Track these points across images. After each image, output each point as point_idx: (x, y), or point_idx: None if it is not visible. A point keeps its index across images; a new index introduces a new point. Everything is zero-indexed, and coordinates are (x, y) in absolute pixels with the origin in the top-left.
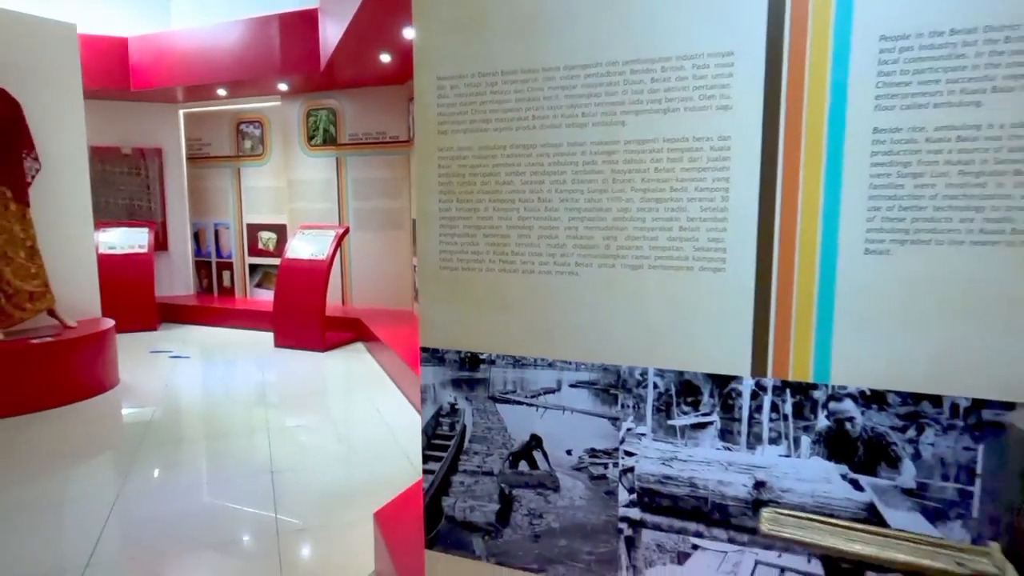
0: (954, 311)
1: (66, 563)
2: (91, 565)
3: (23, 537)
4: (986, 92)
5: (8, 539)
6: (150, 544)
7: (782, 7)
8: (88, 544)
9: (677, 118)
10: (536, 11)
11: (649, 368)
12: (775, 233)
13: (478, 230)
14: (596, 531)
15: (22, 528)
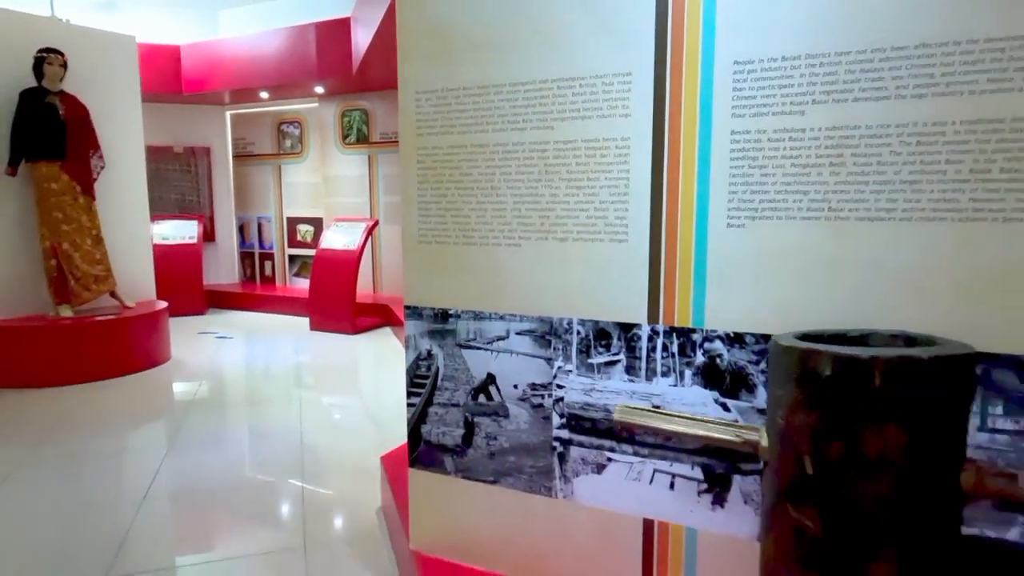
0: (790, 271)
1: (127, 495)
2: (147, 497)
3: (91, 477)
4: (808, 104)
5: (79, 478)
6: (197, 481)
7: (665, 39)
8: (146, 481)
9: (591, 123)
10: (486, 42)
11: (573, 319)
12: (663, 212)
13: (447, 211)
14: (536, 449)
15: (90, 471)
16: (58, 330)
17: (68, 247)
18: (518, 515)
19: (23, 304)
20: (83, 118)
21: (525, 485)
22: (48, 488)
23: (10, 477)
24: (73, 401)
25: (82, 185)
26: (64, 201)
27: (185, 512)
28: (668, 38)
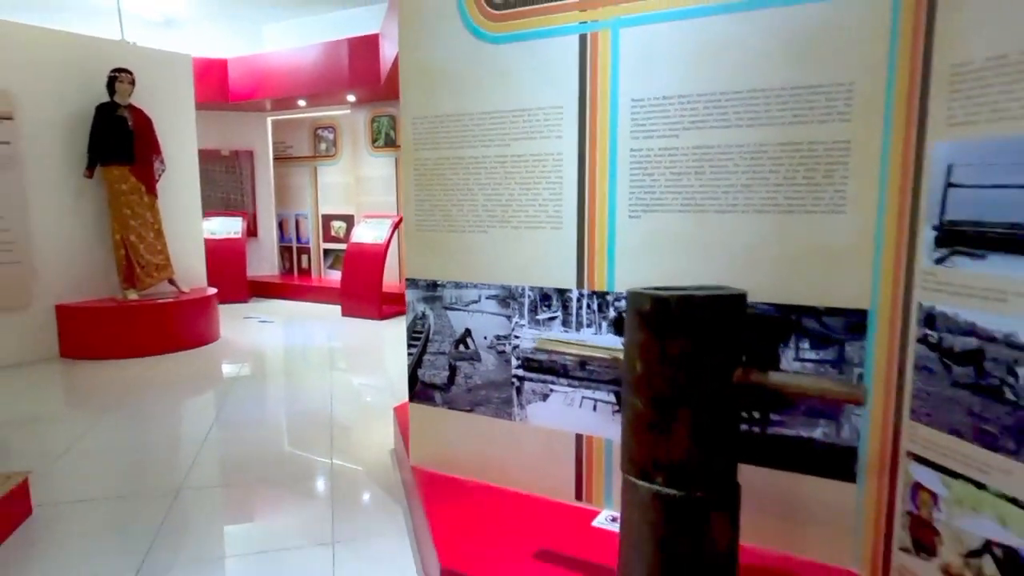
0: (669, 249)
1: (187, 443)
2: (206, 441)
3: (155, 430)
4: (680, 130)
5: (146, 431)
6: (246, 430)
7: (585, 83)
8: (203, 431)
9: (536, 143)
10: (462, 82)
11: (525, 286)
12: (586, 207)
13: (435, 207)
14: (500, 385)
15: (154, 426)
16: (126, 310)
17: (135, 239)
18: (487, 434)
19: (97, 288)
20: (148, 127)
21: (492, 412)
22: (123, 436)
23: (92, 429)
24: (138, 371)
25: (146, 185)
26: (132, 200)
27: (237, 450)
28: (587, 83)
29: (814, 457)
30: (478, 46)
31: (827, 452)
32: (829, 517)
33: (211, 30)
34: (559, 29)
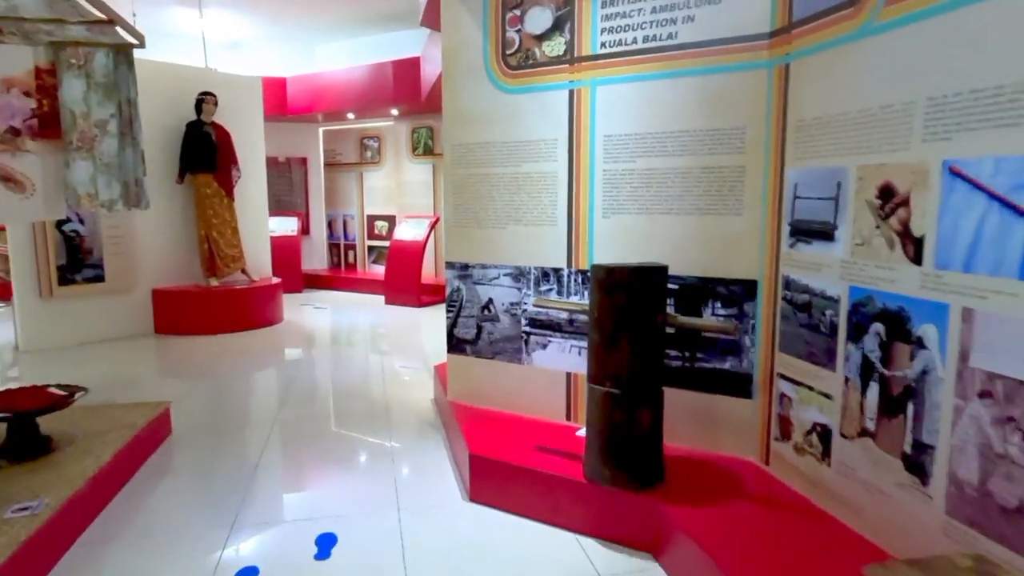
0: (629, 241)
1: (273, 395)
2: (288, 392)
3: (245, 386)
4: (636, 157)
5: (238, 386)
6: (315, 385)
7: (573, 123)
8: (284, 387)
9: (539, 164)
10: (487, 119)
11: (531, 266)
12: (573, 211)
13: (467, 209)
14: (513, 338)
15: (244, 383)
16: (209, 295)
17: (216, 235)
18: (503, 375)
19: (184, 276)
20: (227, 140)
21: (507, 358)
22: (221, 389)
23: (191, 392)
24: (222, 344)
25: (226, 190)
26: (214, 202)
27: (313, 398)
28: (575, 123)
29: (725, 382)
30: (498, 95)
31: (733, 378)
32: (734, 423)
33: (271, 50)
34: (555, 84)
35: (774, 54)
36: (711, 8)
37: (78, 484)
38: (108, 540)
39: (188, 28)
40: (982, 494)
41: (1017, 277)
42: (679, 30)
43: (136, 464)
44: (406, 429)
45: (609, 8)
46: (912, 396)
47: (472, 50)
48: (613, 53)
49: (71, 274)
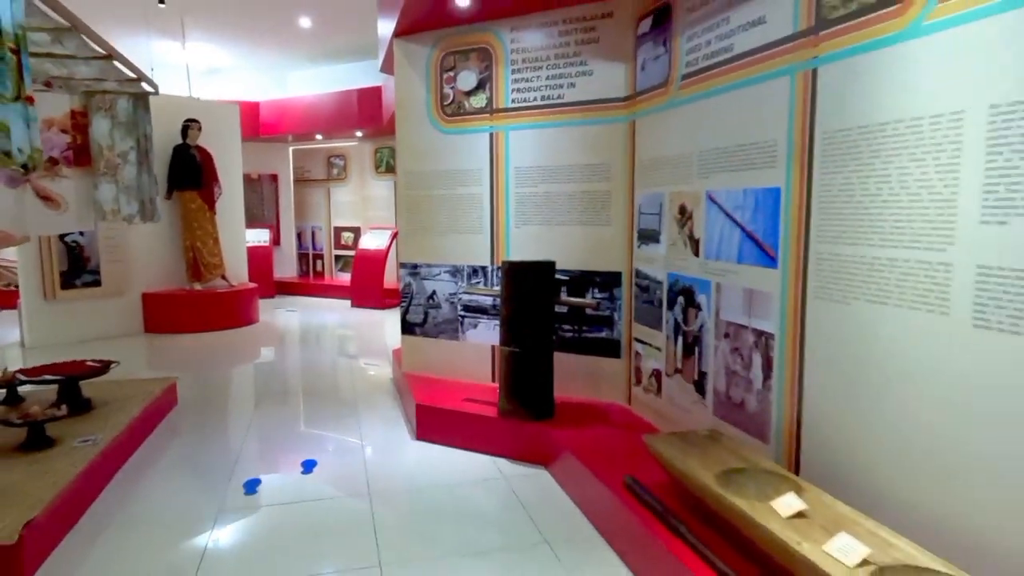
0: (533, 244)
1: (256, 380)
2: (270, 378)
3: (232, 373)
4: (538, 183)
5: (221, 374)
6: (293, 370)
7: (493, 157)
8: (265, 373)
9: (469, 188)
10: (427, 153)
11: (465, 264)
12: (495, 222)
13: (417, 222)
14: (452, 321)
15: (228, 370)
16: (193, 297)
17: (199, 245)
18: (445, 349)
19: (171, 280)
20: (209, 161)
21: (448, 336)
22: (210, 375)
23: (185, 377)
24: (204, 341)
25: (209, 204)
26: (199, 215)
27: (294, 380)
28: (494, 157)
29: (603, 347)
30: (438, 135)
31: (608, 344)
32: (609, 377)
33: (246, 77)
34: (480, 128)
35: (628, 112)
36: (587, 78)
37: (120, 428)
38: (146, 467)
39: (172, 58)
40: (727, 397)
41: (738, 260)
42: (565, 92)
43: (156, 421)
44: (369, 398)
45: (517, 75)
46: (697, 343)
47: (418, 101)
48: (520, 107)
49: (72, 279)
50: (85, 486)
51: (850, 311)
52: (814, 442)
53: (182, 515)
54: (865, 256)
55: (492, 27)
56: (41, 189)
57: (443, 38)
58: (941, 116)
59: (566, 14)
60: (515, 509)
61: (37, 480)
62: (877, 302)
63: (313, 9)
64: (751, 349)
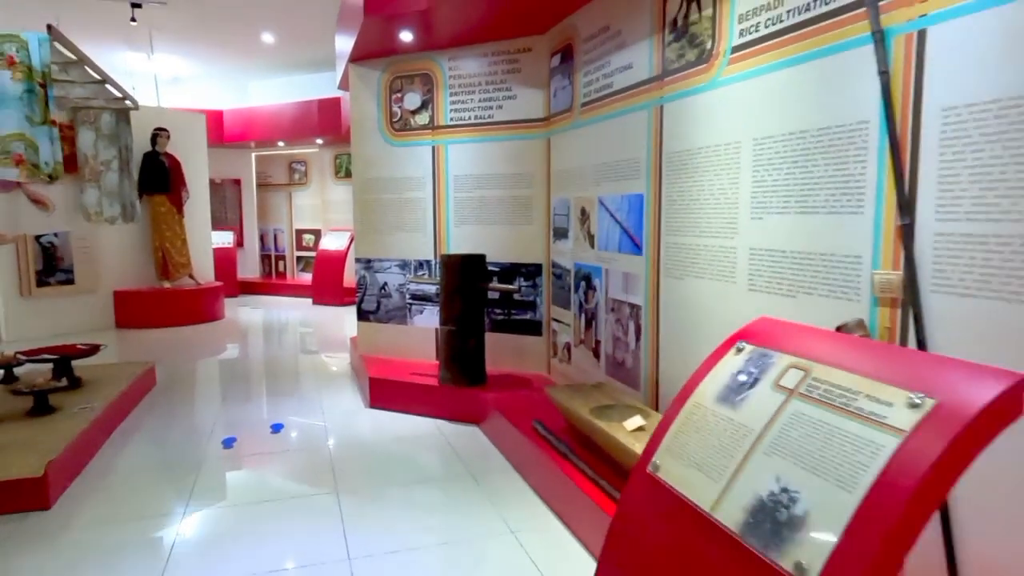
0: (471, 240)
1: (224, 367)
2: (236, 365)
3: (201, 361)
4: (473, 190)
5: (191, 362)
6: (259, 358)
7: (435, 166)
8: (231, 362)
9: (415, 192)
10: (381, 163)
11: (412, 258)
12: (437, 222)
13: (369, 222)
14: (401, 308)
15: (198, 358)
16: (162, 294)
17: (168, 246)
18: (395, 333)
19: (141, 279)
20: (177, 167)
21: (397, 321)
22: (181, 365)
23: (157, 364)
24: (173, 334)
25: (177, 208)
26: (167, 218)
27: (259, 367)
28: (436, 166)
29: (528, 327)
30: (387, 147)
31: (532, 324)
32: (533, 352)
33: (209, 85)
34: (423, 142)
35: (545, 131)
36: (512, 101)
37: (111, 398)
38: (136, 431)
39: (138, 67)
40: (614, 358)
41: (619, 251)
42: (494, 113)
43: (140, 396)
44: (329, 380)
45: (455, 98)
46: (594, 317)
47: (370, 117)
48: (457, 124)
49: (47, 277)
50: (88, 440)
51: (684, 284)
52: (666, 384)
53: (173, 463)
54: (691, 244)
55: (434, 56)
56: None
57: (392, 64)
58: (728, 145)
59: (495, 47)
60: (449, 455)
61: (48, 435)
62: (698, 277)
63: (275, 25)
64: (627, 318)
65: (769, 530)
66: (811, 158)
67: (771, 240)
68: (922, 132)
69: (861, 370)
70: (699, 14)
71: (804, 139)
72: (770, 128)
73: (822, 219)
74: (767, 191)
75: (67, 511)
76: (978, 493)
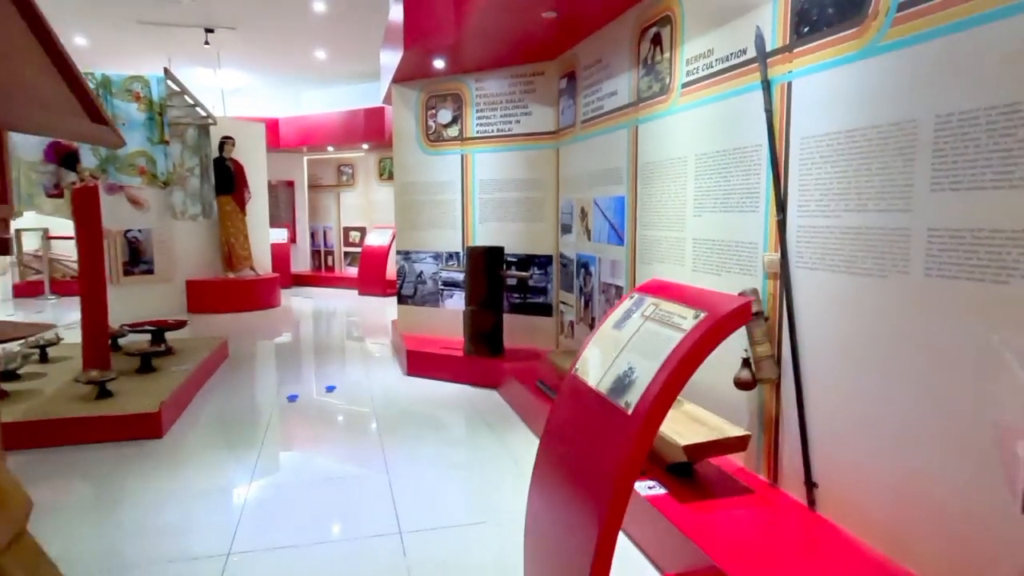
0: (495, 234)
1: (283, 346)
2: (298, 342)
3: (264, 341)
4: (495, 192)
5: (256, 342)
6: (313, 338)
7: (464, 171)
8: (293, 339)
9: (446, 195)
10: (418, 169)
11: (443, 250)
12: (465, 220)
13: (409, 219)
14: (434, 293)
15: (261, 339)
16: (227, 284)
17: (233, 241)
18: (429, 314)
19: (210, 270)
20: (241, 171)
21: (431, 305)
22: (242, 348)
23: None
24: (237, 319)
25: (240, 207)
26: (232, 216)
27: (312, 346)
28: (465, 171)
29: (540, 309)
30: (423, 155)
31: (544, 307)
32: (544, 331)
33: (266, 95)
34: (454, 151)
35: (554, 142)
36: (528, 116)
37: (198, 361)
38: (218, 389)
39: (205, 81)
40: None
41: (608, 242)
42: (513, 126)
43: (218, 363)
44: (372, 355)
45: (480, 114)
46: (590, 298)
47: (409, 130)
48: (483, 136)
49: (131, 267)
50: (185, 391)
51: (651, 268)
52: None
53: (250, 410)
54: (656, 236)
55: (463, 79)
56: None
57: (428, 85)
58: (680, 158)
59: (513, 71)
60: (471, 411)
61: (154, 386)
62: (660, 262)
63: (326, 43)
64: (613, 298)
65: (619, 389)
66: (729, 170)
67: (706, 232)
68: (790, 153)
69: (680, 301)
70: (661, 56)
71: (724, 156)
72: (705, 147)
73: (735, 216)
74: (703, 194)
75: (175, 440)
76: (829, 416)
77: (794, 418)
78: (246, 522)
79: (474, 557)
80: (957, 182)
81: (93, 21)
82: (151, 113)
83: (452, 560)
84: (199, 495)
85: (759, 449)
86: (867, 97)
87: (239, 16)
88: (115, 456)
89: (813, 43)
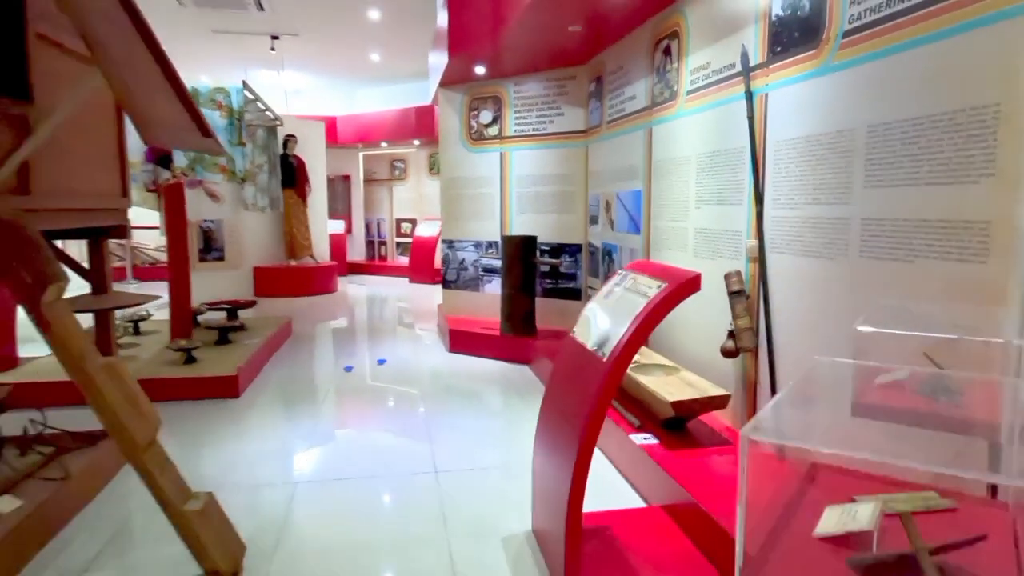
0: (530, 225)
1: (342, 326)
2: (354, 323)
3: (324, 322)
4: (531, 186)
5: (316, 323)
6: (366, 320)
7: (503, 167)
8: (349, 320)
9: (487, 188)
10: (461, 164)
11: (483, 239)
12: (503, 212)
13: (453, 211)
14: (475, 279)
15: (321, 320)
16: (290, 271)
17: (295, 231)
18: (471, 298)
19: (274, 258)
20: (302, 166)
21: (472, 289)
22: (304, 328)
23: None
24: (299, 302)
25: (302, 199)
26: (295, 207)
27: (368, 325)
28: (503, 167)
29: (570, 294)
30: (467, 153)
31: (573, 292)
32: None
33: (323, 95)
34: (494, 148)
35: (584, 141)
36: (561, 117)
37: (267, 336)
38: (283, 361)
39: (268, 81)
40: None
41: (627, 232)
42: (547, 126)
43: (283, 340)
44: (419, 335)
45: (517, 115)
46: None
47: (454, 129)
48: (520, 135)
49: (205, 255)
50: (257, 360)
51: (661, 255)
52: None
53: (312, 377)
54: (666, 226)
55: (502, 83)
56: (209, 189)
57: (471, 88)
58: (685, 157)
59: (548, 76)
60: (505, 384)
61: (231, 354)
62: (668, 249)
63: (381, 47)
64: None
65: (600, 343)
66: (722, 168)
67: (705, 223)
68: (767, 155)
69: (650, 275)
70: (671, 66)
71: (718, 155)
72: (704, 147)
73: (726, 208)
74: (703, 189)
75: (250, 399)
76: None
77: (767, 382)
78: (311, 461)
79: (493, 489)
80: (881, 180)
81: (170, 30)
82: (231, 119)
83: (476, 489)
84: (272, 440)
85: (743, 409)
86: (821, 108)
87: (301, 24)
88: (201, 410)
89: (784, 60)
